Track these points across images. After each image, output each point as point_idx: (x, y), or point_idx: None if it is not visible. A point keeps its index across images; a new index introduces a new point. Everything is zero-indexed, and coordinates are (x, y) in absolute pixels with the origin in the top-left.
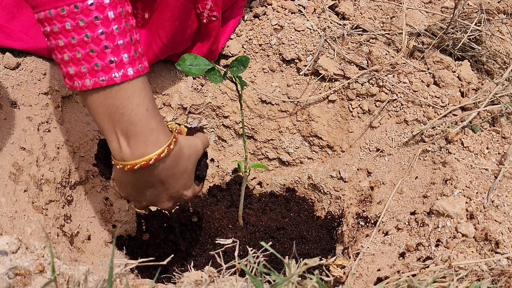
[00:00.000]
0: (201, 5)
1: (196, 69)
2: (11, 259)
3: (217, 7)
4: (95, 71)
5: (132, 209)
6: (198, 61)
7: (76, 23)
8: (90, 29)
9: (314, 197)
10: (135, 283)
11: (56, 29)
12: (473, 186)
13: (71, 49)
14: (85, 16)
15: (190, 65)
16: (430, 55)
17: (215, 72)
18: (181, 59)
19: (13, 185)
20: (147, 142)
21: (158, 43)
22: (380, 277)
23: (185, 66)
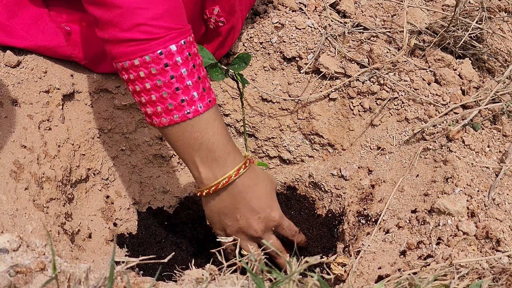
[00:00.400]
0: (209, 11)
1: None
2: (12, 257)
3: (224, 13)
4: (169, 110)
5: (132, 207)
6: (203, 53)
7: (148, 71)
8: (161, 75)
9: (315, 195)
10: (136, 281)
11: (132, 77)
12: (474, 184)
13: (146, 94)
14: (156, 65)
15: None
16: (431, 53)
17: (217, 69)
18: None
19: (14, 183)
20: (226, 163)
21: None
22: (381, 275)
23: None
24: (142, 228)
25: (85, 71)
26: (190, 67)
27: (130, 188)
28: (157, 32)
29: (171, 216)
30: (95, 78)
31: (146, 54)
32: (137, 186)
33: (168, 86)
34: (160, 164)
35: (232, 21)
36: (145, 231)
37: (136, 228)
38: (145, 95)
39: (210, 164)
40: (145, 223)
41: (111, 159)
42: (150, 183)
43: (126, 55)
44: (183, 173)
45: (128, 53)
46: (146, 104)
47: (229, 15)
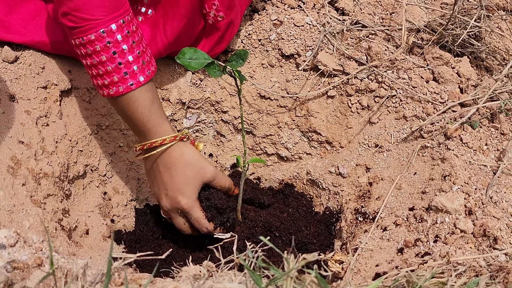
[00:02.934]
0: (208, 5)
1: (196, 63)
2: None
3: (223, 7)
4: (114, 82)
5: (129, 204)
6: (198, 55)
7: (93, 48)
8: (105, 51)
9: (313, 192)
10: (133, 277)
11: (83, 52)
12: (472, 182)
13: (95, 68)
14: (100, 42)
15: (190, 58)
16: (430, 51)
17: (214, 66)
18: (180, 53)
19: (11, 178)
20: (157, 133)
21: (164, 40)
22: (379, 273)
23: (184, 59)
24: (139, 225)
25: (82, 67)
26: (130, 43)
27: (127, 184)
28: (79, 22)
29: None
30: None
31: (91, 33)
32: (134, 183)
33: (112, 61)
34: None
35: (231, 15)
36: (143, 227)
37: (134, 225)
38: (94, 69)
39: (146, 129)
40: (143, 219)
41: (108, 155)
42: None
43: (69, 35)
44: None
45: (69, 34)
46: (97, 77)
47: (228, 10)
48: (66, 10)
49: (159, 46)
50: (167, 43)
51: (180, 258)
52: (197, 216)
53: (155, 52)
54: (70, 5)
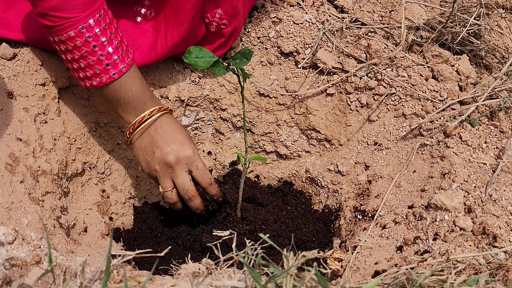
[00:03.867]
0: (211, 14)
1: (202, 62)
2: (8, 250)
3: (227, 16)
4: (97, 74)
5: (128, 202)
6: (204, 53)
7: (74, 44)
8: (86, 46)
9: (312, 190)
10: (132, 274)
11: (63, 48)
12: (471, 180)
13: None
14: (80, 38)
15: (196, 57)
16: (429, 49)
17: (219, 64)
18: (187, 52)
19: (9, 176)
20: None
21: (163, 46)
22: (378, 270)
23: (191, 58)
24: (138, 223)
25: None
26: (108, 35)
27: (126, 182)
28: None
29: (167, 210)
30: None
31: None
32: (133, 180)
33: (93, 54)
34: None
35: (235, 23)
36: (141, 225)
37: (132, 223)
38: (75, 63)
39: (130, 111)
40: (141, 217)
41: (107, 153)
42: (146, 178)
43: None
44: None
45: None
46: (78, 70)
47: (232, 18)
48: (42, 11)
49: (158, 52)
50: (166, 50)
51: (178, 256)
52: (203, 165)
53: (154, 57)
54: (45, 6)
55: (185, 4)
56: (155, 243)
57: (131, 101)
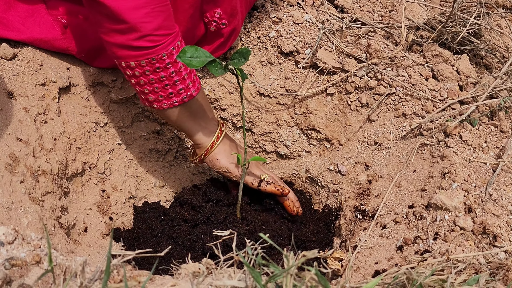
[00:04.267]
0: (210, 14)
1: (197, 61)
2: (8, 250)
3: (226, 15)
4: (169, 97)
5: (128, 202)
6: (199, 53)
7: (154, 69)
8: (164, 71)
9: (312, 190)
10: (132, 274)
11: (137, 73)
12: (471, 180)
13: (150, 85)
14: (160, 64)
15: (191, 56)
16: (429, 49)
17: (216, 64)
18: (181, 51)
19: (9, 176)
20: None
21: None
22: (378, 270)
23: (185, 58)
24: (138, 222)
25: (81, 64)
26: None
27: (126, 182)
28: (160, 40)
29: (167, 210)
30: (92, 72)
31: (152, 56)
32: (133, 180)
33: (170, 79)
34: (157, 159)
35: (234, 22)
36: (141, 225)
37: (132, 222)
38: (148, 87)
39: (202, 131)
40: (141, 217)
41: (107, 153)
42: (146, 178)
43: (133, 57)
44: (180, 168)
45: (136, 56)
46: (148, 94)
47: (231, 17)
48: (146, 32)
49: None
50: None
51: (178, 256)
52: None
53: None
54: (151, 27)
55: (183, 3)
56: (155, 243)
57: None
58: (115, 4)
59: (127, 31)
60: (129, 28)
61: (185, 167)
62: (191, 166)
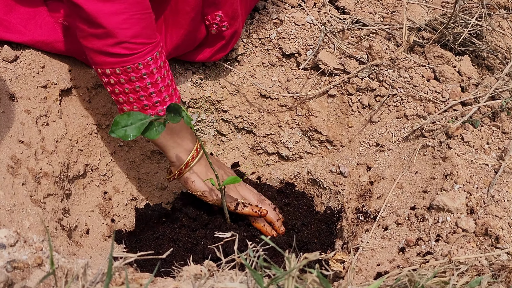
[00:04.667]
0: (211, 17)
1: (132, 129)
2: (9, 252)
3: (227, 18)
4: (144, 109)
5: (130, 203)
6: (132, 118)
7: (128, 78)
8: (139, 82)
9: (314, 192)
10: (134, 276)
11: (112, 81)
12: (473, 181)
13: (124, 95)
14: (136, 74)
15: (125, 126)
16: (431, 50)
17: (153, 125)
18: (113, 123)
19: (11, 178)
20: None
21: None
22: (380, 272)
23: (119, 130)
24: (140, 225)
25: (82, 67)
26: (163, 73)
27: (128, 184)
28: (137, 48)
29: (169, 212)
30: (93, 74)
31: (127, 65)
32: (135, 182)
33: (145, 90)
34: (158, 161)
35: (235, 25)
36: (143, 227)
37: (134, 225)
38: (123, 96)
39: (177, 149)
40: (143, 219)
41: (109, 154)
42: (148, 179)
43: (108, 64)
44: None
45: (111, 63)
46: (123, 103)
47: (232, 20)
48: (123, 39)
49: None
50: (166, 52)
51: (180, 258)
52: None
53: None
54: (128, 34)
55: (184, 6)
56: (157, 245)
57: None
58: (93, 8)
59: (103, 36)
60: (106, 33)
61: None
62: None
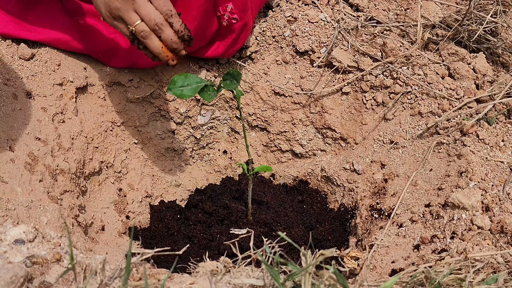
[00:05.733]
0: (222, 8)
1: (188, 90)
2: (28, 248)
3: (237, 10)
4: None
5: (144, 200)
6: (189, 80)
7: None
8: None
9: (327, 189)
10: (151, 272)
11: None
12: (489, 179)
13: None
14: None
15: (182, 86)
16: (445, 47)
17: (208, 88)
18: (171, 82)
19: (28, 175)
20: None
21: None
22: (395, 269)
23: (176, 88)
24: (154, 221)
25: (98, 64)
26: None
27: (142, 181)
28: None
29: (183, 209)
30: (108, 71)
31: None
32: (149, 179)
33: None
34: (172, 158)
35: (245, 18)
36: (158, 224)
37: (149, 221)
38: None
39: None
40: (158, 216)
41: (123, 152)
42: (162, 176)
43: None
44: (195, 167)
45: None
46: None
47: (242, 12)
48: None
49: None
50: None
51: (195, 254)
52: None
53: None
54: None
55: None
56: (172, 242)
57: None
58: None
59: None
60: None
61: (200, 166)
62: (207, 165)
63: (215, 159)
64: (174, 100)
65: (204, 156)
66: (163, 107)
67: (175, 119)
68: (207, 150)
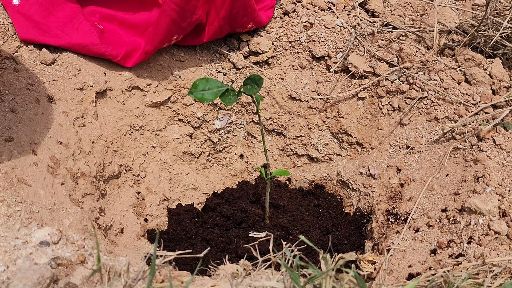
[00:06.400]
0: None
1: (209, 93)
2: (53, 250)
3: None
4: None
5: (162, 204)
6: (211, 84)
7: None
8: None
9: (343, 193)
10: (173, 274)
11: None
12: (506, 184)
13: None
14: None
15: (203, 90)
16: (461, 53)
17: (229, 93)
18: (193, 86)
19: (51, 178)
20: None
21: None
22: (412, 273)
23: (197, 92)
24: (172, 224)
25: (117, 69)
26: None
27: (160, 184)
28: None
29: (201, 212)
30: (127, 76)
31: None
32: (167, 183)
33: None
34: (190, 161)
35: None
36: (176, 227)
37: (167, 224)
38: None
39: None
40: (175, 219)
41: (142, 155)
42: (179, 180)
43: None
44: (212, 170)
45: None
46: None
47: None
48: None
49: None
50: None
51: (213, 257)
52: None
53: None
54: None
55: None
56: (190, 245)
57: None
58: None
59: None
60: None
61: (217, 170)
62: (224, 169)
63: (231, 163)
64: (191, 104)
65: (221, 160)
66: (180, 111)
67: (192, 123)
68: (224, 154)
